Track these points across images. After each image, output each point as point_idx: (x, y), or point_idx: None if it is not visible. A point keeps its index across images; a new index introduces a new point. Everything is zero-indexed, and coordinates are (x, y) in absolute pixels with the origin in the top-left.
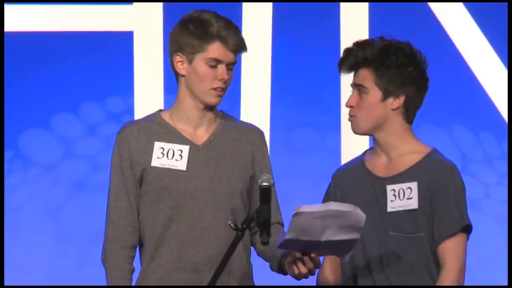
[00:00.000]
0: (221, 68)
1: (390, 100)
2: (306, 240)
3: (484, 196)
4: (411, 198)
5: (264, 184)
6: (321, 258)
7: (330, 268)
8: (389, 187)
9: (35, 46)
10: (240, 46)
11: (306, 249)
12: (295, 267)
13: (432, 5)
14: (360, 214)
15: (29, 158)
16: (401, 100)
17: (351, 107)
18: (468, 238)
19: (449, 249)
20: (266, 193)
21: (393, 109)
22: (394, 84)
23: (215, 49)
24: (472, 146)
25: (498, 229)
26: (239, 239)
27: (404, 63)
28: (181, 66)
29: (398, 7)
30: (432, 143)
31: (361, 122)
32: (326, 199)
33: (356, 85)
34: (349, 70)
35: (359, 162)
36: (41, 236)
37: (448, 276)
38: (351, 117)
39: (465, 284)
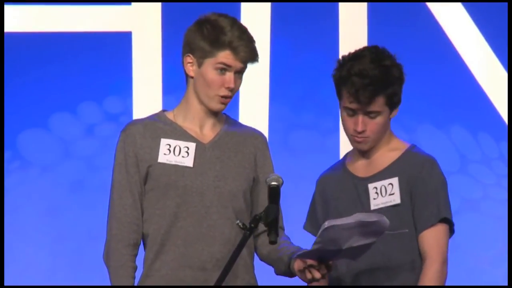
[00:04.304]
0: (229, 75)
1: (394, 111)
2: (328, 250)
3: (482, 197)
4: (393, 194)
5: (273, 183)
6: None
7: None
8: (370, 186)
9: (34, 46)
10: (250, 58)
11: (324, 256)
12: (308, 273)
13: (430, 5)
14: (384, 222)
15: (28, 158)
16: (398, 107)
17: (363, 131)
18: (452, 231)
19: (430, 240)
20: (274, 192)
21: (392, 117)
22: (397, 96)
23: (225, 56)
24: (470, 147)
25: (496, 230)
26: (247, 238)
27: (399, 73)
28: (191, 68)
29: (397, 8)
30: (430, 143)
31: (372, 142)
32: (312, 204)
33: (368, 112)
34: (368, 104)
35: (341, 165)
36: (39, 236)
37: (431, 267)
38: (363, 138)
39: (465, 284)
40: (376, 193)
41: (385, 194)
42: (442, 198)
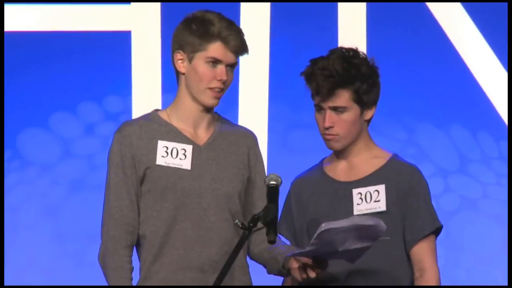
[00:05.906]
0: (221, 68)
1: (366, 112)
2: (323, 251)
3: (482, 196)
4: (378, 201)
5: (272, 182)
6: None
7: None
8: (355, 191)
9: (33, 46)
10: (241, 48)
11: (319, 256)
12: (302, 272)
13: (430, 5)
14: (381, 226)
15: (27, 158)
16: (373, 109)
17: (330, 127)
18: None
19: (425, 251)
20: (273, 192)
21: (366, 120)
22: (367, 95)
23: (215, 49)
24: (470, 146)
25: (496, 229)
26: (246, 238)
27: (369, 72)
28: (182, 64)
29: (396, 7)
30: (430, 143)
31: (343, 140)
32: (286, 207)
33: (333, 107)
34: (327, 96)
35: (318, 169)
36: (39, 235)
37: (432, 277)
38: (332, 136)
39: (465, 284)
40: (360, 198)
41: (370, 200)
42: (432, 207)
